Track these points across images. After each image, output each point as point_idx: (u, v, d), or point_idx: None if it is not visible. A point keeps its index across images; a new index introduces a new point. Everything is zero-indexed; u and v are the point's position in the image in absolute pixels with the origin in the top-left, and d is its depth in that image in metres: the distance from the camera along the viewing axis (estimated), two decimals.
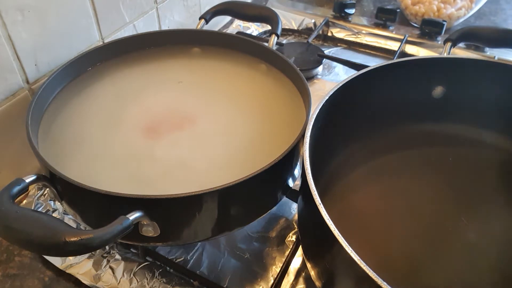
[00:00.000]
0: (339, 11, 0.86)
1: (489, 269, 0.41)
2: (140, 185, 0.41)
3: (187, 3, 0.75)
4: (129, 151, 0.44)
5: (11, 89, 0.48)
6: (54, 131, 0.46)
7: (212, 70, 0.56)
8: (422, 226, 0.44)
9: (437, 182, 0.49)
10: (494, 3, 0.95)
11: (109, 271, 0.45)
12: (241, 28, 0.85)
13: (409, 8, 0.84)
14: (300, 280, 0.45)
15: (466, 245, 0.43)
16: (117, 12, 0.60)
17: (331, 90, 0.43)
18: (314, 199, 0.32)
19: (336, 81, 0.73)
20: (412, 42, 0.80)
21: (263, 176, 0.36)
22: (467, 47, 0.76)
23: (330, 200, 0.46)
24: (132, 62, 0.56)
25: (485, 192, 0.48)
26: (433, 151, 0.53)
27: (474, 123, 0.53)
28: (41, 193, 0.52)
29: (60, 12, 0.51)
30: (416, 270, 0.41)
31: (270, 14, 0.60)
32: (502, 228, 0.45)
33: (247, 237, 0.48)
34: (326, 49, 0.81)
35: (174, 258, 0.46)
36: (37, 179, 0.36)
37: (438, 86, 0.52)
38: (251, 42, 0.57)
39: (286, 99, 0.51)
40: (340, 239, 0.29)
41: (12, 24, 0.46)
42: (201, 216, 0.37)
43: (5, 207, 0.31)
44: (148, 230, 0.36)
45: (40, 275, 0.45)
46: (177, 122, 0.48)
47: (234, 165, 0.43)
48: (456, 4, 0.83)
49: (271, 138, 0.46)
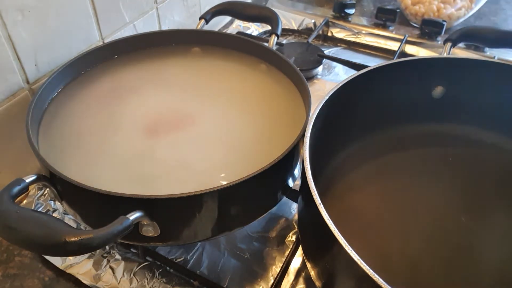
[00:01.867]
0: (339, 11, 0.86)
1: (489, 269, 0.41)
2: (140, 185, 0.41)
3: (187, 3, 0.75)
4: (129, 151, 0.44)
5: (11, 89, 0.48)
6: (54, 131, 0.46)
7: (212, 70, 0.56)
8: (422, 226, 0.44)
9: (437, 182, 0.49)
10: (494, 3, 0.95)
11: (109, 271, 0.45)
12: (241, 28, 0.85)
13: (409, 8, 0.84)
14: (300, 280, 0.45)
15: (466, 245, 0.43)
16: (117, 12, 0.60)
17: (331, 90, 0.43)
18: (314, 199, 0.32)
19: (336, 81, 0.73)
20: (412, 42, 0.80)
21: (263, 176, 0.36)
22: (467, 47, 0.76)
23: (330, 200, 0.46)
24: (132, 62, 0.56)
25: (485, 192, 0.48)
26: (433, 151, 0.53)
27: (474, 123, 0.53)
28: (41, 193, 0.52)
29: (60, 12, 0.51)
30: (416, 270, 0.41)
31: (270, 14, 0.60)
32: (502, 228, 0.45)
33: (247, 237, 0.48)
34: (326, 49, 0.81)
35: (174, 258, 0.46)
36: (37, 179, 0.36)
37: (438, 86, 0.52)
38: (251, 42, 0.57)
39: (286, 99, 0.51)
40: (340, 239, 0.29)
41: (12, 24, 0.46)
42: (201, 216, 0.37)
43: (5, 207, 0.31)
44: (148, 230, 0.36)
45: (40, 275, 0.45)
46: (177, 122, 0.48)
47: (234, 165, 0.43)
48: (456, 4, 0.83)
49: (271, 138, 0.46)
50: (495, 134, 0.52)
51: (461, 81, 0.51)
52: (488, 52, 0.76)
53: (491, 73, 0.49)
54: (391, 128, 0.53)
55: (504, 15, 0.92)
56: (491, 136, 0.52)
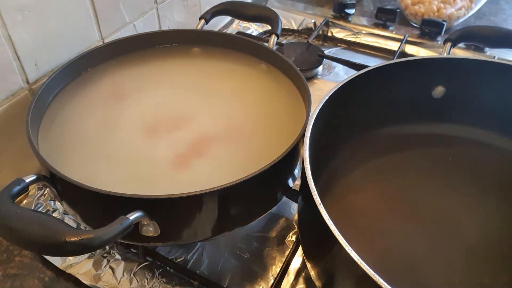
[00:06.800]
0: (339, 11, 0.86)
1: (489, 269, 0.41)
2: (140, 185, 0.41)
3: (187, 3, 0.75)
4: (129, 151, 0.44)
5: (11, 89, 0.48)
6: (54, 131, 0.46)
7: (212, 70, 0.56)
8: (422, 226, 0.44)
9: (437, 182, 0.49)
10: (494, 3, 0.95)
11: (109, 271, 0.45)
12: (241, 28, 0.85)
13: (409, 8, 0.85)
14: (300, 280, 0.45)
15: (466, 245, 0.43)
16: (117, 12, 0.60)
17: (331, 90, 0.43)
18: (314, 199, 0.32)
19: (336, 81, 0.73)
20: (412, 42, 0.80)
21: (263, 176, 0.36)
22: (467, 47, 0.76)
23: (330, 200, 0.46)
24: (132, 62, 0.56)
25: (485, 192, 0.48)
26: (433, 151, 0.53)
27: (474, 123, 0.53)
28: (41, 193, 0.52)
29: (60, 12, 0.51)
30: (416, 270, 0.41)
31: (270, 14, 0.60)
32: (502, 228, 0.45)
33: (247, 237, 0.48)
34: (326, 49, 0.81)
35: (174, 258, 0.46)
36: (37, 179, 0.36)
37: (438, 86, 0.52)
38: (251, 42, 0.57)
39: (286, 99, 0.51)
40: (340, 239, 0.29)
41: (12, 24, 0.46)
42: (201, 216, 0.37)
43: (5, 207, 0.31)
44: (148, 230, 0.36)
45: (40, 275, 0.45)
46: (177, 122, 0.48)
47: (234, 165, 0.43)
48: (456, 4, 0.83)
49: (271, 138, 0.46)
50: (495, 134, 0.52)
51: (461, 81, 0.51)
52: (488, 52, 0.76)
53: (491, 73, 0.49)
54: (391, 128, 0.53)
55: (504, 15, 0.92)
56: (491, 136, 0.52)
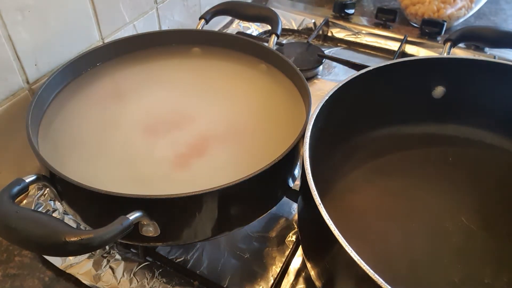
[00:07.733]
0: (339, 11, 0.86)
1: (489, 269, 0.41)
2: (140, 185, 0.41)
3: (187, 3, 0.75)
4: (129, 151, 0.44)
5: (11, 89, 0.48)
6: (54, 131, 0.46)
7: (212, 70, 0.56)
8: (422, 226, 0.44)
9: (437, 182, 0.49)
10: (494, 3, 0.95)
11: (109, 271, 0.45)
12: (241, 28, 0.85)
13: (409, 8, 0.84)
14: (300, 280, 0.45)
15: (466, 245, 0.43)
16: (117, 12, 0.60)
17: (331, 90, 0.43)
18: (314, 199, 0.32)
19: (336, 81, 0.73)
20: (412, 42, 0.79)
21: (263, 176, 0.36)
22: (467, 47, 0.76)
23: (330, 200, 0.46)
24: (132, 62, 0.56)
25: (485, 192, 0.48)
26: (433, 151, 0.53)
27: (474, 123, 0.53)
28: (41, 193, 0.52)
29: (60, 12, 0.51)
30: (416, 270, 0.41)
31: (270, 14, 0.60)
32: (501, 228, 0.45)
33: (247, 237, 0.48)
34: (326, 49, 0.81)
35: (174, 258, 0.46)
36: (37, 179, 0.36)
37: (438, 86, 0.52)
38: (251, 42, 0.57)
39: (286, 99, 0.51)
40: (340, 239, 0.29)
41: (12, 24, 0.46)
42: (201, 216, 0.37)
43: (5, 207, 0.31)
44: (148, 230, 0.36)
45: (40, 275, 0.45)
46: (177, 122, 0.48)
47: (234, 165, 0.43)
48: (456, 4, 0.83)
49: (271, 138, 0.46)
50: (495, 134, 0.52)
51: (461, 81, 0.51)
52: (488, 52, 0.76)
53: (491, 73, 0.49)
54: (391, 128, 0.53)
55: (504, 15, 0.92)
56: (491, 136, 0.52)
